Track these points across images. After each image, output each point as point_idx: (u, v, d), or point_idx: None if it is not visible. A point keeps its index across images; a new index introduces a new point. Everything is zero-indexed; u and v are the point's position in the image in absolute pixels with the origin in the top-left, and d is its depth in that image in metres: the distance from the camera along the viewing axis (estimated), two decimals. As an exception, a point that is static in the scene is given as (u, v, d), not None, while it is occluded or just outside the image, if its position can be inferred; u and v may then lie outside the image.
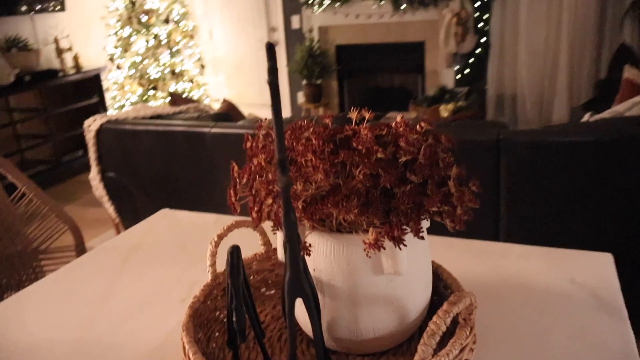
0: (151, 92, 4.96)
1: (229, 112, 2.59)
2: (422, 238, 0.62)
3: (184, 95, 4.62)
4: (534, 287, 0.86)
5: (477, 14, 4.51)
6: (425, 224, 0.68)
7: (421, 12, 4.72)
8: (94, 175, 2.53)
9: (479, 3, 4.47)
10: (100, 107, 4.89)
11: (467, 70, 4.71)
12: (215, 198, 2.30)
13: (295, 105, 5.60)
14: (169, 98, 2.99)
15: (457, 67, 4.75)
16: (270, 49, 0.45)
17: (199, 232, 1.16)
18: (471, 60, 4.68)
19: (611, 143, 1.72)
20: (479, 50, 4.62)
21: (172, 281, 0.95)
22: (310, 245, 0.60)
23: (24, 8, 4.44)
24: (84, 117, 4.81)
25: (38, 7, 4.56)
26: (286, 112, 5.61)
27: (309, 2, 5.01)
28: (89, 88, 4.82)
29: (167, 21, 4.96)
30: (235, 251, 0.65)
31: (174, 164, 2.39)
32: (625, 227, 1.76)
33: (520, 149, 1.78)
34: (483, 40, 4.59)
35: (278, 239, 0.68)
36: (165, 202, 2.46)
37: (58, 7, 4.78)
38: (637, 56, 3.45)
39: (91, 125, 2.44)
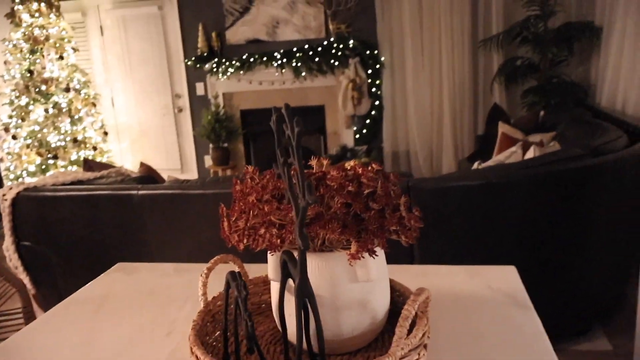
0: (51, 162, 4.80)
1: (151, 175, 2.65)
2: (387, 250, 0.80)
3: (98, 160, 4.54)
4: (461, 294, 1.07)
5: (370, 80, 4.99)
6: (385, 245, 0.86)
7: (320, 78, 5.13)
8: (7, 246, 2.44)
9: (370, 70, 4.97)
10: (-5, 178, 4.63)
11: (364, 130, 5.14)
12: (143, 258, 2.33)
13: (202, 168, 5.68)
14: (83, 164, 2.98)
15: (356, 127, 5.17)
16: (287, 108, 0.63)
17: (162, 280, 1.25)
18: (368, 121, 5.12)
19: (499, 185, 2.05)
20: (374, 112, 5.08)
21: (151, 322, 1.04)
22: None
23: None
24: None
25: None
26: (193, 175, 5.67)
27: (214, 70, 5.24)
28: (-19, 159, 4.57)
29: (67, 89, 4.91)
30: (235, 273, 0.79)
31: (98, 228, 2.39)
32: (515, 255, 2.07)
33: (427, 194, 2.06)
34: (377, 103, 5.06)
35: (270, 261, 0.83)
36: (89, 268, 2.43)
37: (-54, 77, 4.56)
38: (507, 114, 4.03)
39: (6, 194, 2.39)
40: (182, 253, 2.33)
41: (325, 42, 4.99)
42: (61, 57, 4.86)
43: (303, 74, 5.10)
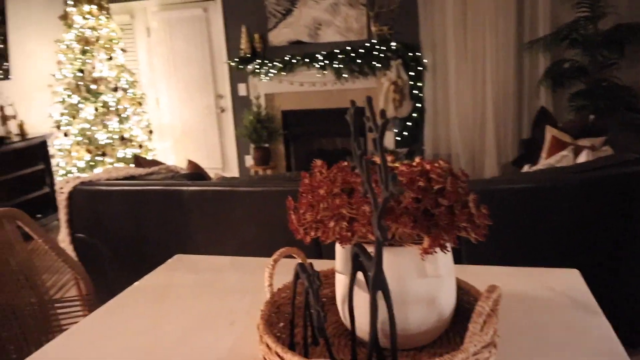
0: (99, 158, 4.95)
1: (200, 172, 2.71)
2: (457, 246, 0.80)
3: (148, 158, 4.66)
4: (525, 296, 1.05)
5: (412, 82, 4.96)
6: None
7: (361, 80, 5.12)
8: (63, 237, 2.53)
9: (412, 72, 4.93)
10: (46, 173, 4.81)
11: (405, 133, 5.11)
12: (188, 253, 2.37)
13: (243, 168, 5.75)
14: (134, 161, 3.06)
15: (396, 130, 5.14)
16: (369, 101, 0.63)
17: (218, 272, 1.28)
18: (409, 124, 5.08)
19: (550, 188, 2.01)
20: (415, 114, 5.04)
21: (212, 311, 1.06)
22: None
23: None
24: (28, 184, 4.73)
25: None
26: (234, 175, 5.75)
27: (256, 71, 5.30)
28: (34, 155, 4.76)
29: (115, 89, 5.05)
30: (305, 265, 0.80)
31: (147, 223, 2.45)
32: (562, 261, 2.02)
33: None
34: (418, 105, 5.03)
35: (338, 254, 0.83)
36: (137, 262, 2.50)
37: (1, 76, 4.76)
38: (554, 118, 3.94)
39: (64, 187, 2.48)
40: (228, 250, 2.37)
41: (367, 44, 4.99)
42: (110, 58, 5.01)
43: (344, 75, 5.10)
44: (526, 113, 4.77)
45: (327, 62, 5.09)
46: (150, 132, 5.44)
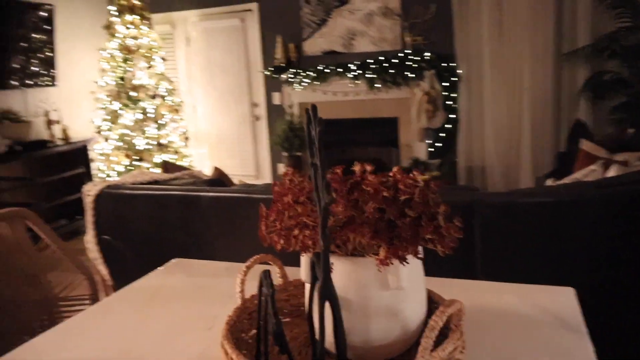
0: (137, 163, 5.11)
1: (221, 179, 2.76)
2: (420, 258, 0.78)
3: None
4: (508, 312, 1.02)
5: (446, 92, 4.90)
6: (420, 252, 0.85)
7: (394, 90, 5.10)
8: (89, 238, 2.62)
9: (446, 83, 4.87)
10: (86, 177, 5.00)
11: (438, 144, 5.04)
12: (207, 259, 2.41)
13: (276, 176, 5.81)
14: (162, 166, 3.15)
15: (429, 140, 5.08)
16: (313, 109, 0.64)
17: (212, 277, 1.30)
18: (442, 135, 5.01)
19: (571, 203, 1.94)
20: (448, 125, 4.97)
21: (195, 315, 1.08)
22: (332, 263, 0.76)
23: (15, 82, 4.65)
24: (69, 186, 4.93)
25: (30, 82, 4.77)
26: (267, 182, 5.81)
27: (290, 80, 5.36)
28: (76, 158, 4.96)
29: (154, 96, 5.21)
30: (267, 272, 0.80)
31: (167, 227, 2.51)
32: (584, 278, 1.94)
33: (492, 209, 1.98)
34: (452, 116, 4.95)
35: (303, 263, 0.84)
36: (158, 265, 2.56)
37: (49, 83, 5.00)
38: (589, 130, 3.81)
39: (90, 190, 2.57)
40: (244, 255, 2.39)
41: (400, 54, 4.96)
42: (150, 66, 5.17)
43: (377, 85, 5.09)
44: (565, 125, 4.62)
45: (360, 72, 5.09)
46: (187, 138, 5.57)
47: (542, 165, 4.72)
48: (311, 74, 5.23)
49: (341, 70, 5.15)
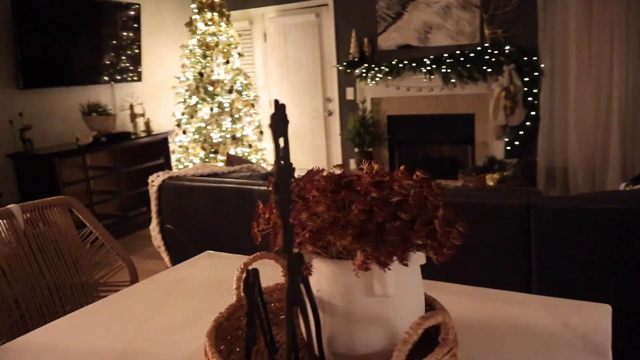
0: (212, 155, 5.31)
1: (278, 173, 2.79)
2: (406, 265, 0.73)
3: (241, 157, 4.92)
4: (530, 328, 0.93)
5: (526, 88, 4.62)
6: (421, 260, 0.80)
7: (470, 86, 4.89)
8: (153, 227, 2.76)
9: (527, 78, 4.60)
10: (166, 167, 5.26)
11: (516, 142, 4.77)
12: (256, 251, 2.45)
13: (347, 171, 5.78)
14: (226, 159, 3.24)
15: (507, 139, 4.83)
16: (276, 104, 0.61)
17: (235, 271, 1.30)
18: (520, 133, 4.74)
19: (635, 211, 1.75)
20: (528, 123, 4.69)
21: (207, 310, 1.08)
22: (312, 265, 0.73)
23: (106, 78, 4.99)
24: (148, 176, 5.22)
25: (118, 77, 5.11)
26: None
27: (363, 75, 5.31)
28: (157, 150, 5.23)
29: (230, 91, 5.38)
30: (253, 271, 0.79)
31: (223, 219, 2.57)
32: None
33: (550, 214, 1.84)
34: (532, 113, 4.67)
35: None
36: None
37: (136, 78, 5.31)
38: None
39: (154, 180, 2.70)
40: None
41: (478, 48, 4.75)
42: (227, 62, 5.34)
43: (452, 80, 4.91)
44: (660, 125, 4.21)
45: (435, 66, 4.93)
46: (261, 132, 5.70)
47: (633, 168, 4.33)
48: (384, 68, 5.15)
49: (415, 65, 5.01)
